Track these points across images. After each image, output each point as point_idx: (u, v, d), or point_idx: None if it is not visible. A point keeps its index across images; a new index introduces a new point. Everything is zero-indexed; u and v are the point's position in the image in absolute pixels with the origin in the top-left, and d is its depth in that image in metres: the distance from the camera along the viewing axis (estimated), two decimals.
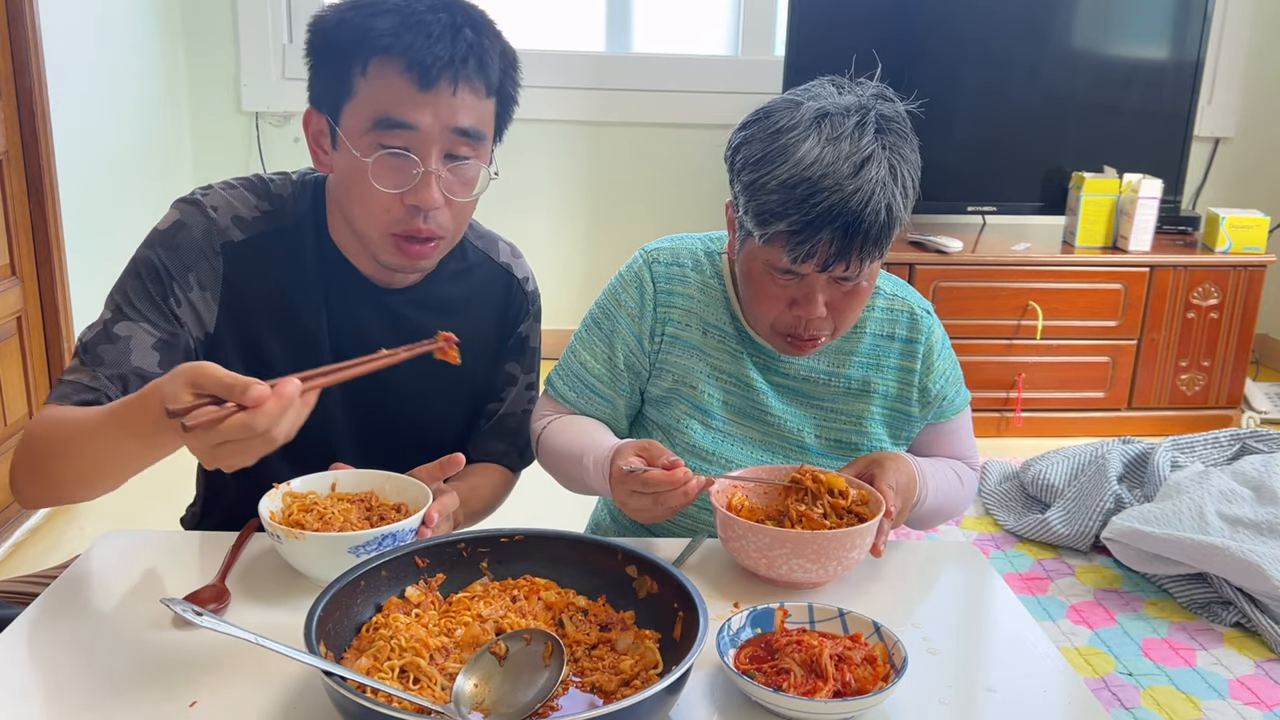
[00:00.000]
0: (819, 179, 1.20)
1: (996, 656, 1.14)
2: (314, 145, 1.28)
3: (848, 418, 1.44)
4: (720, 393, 1.42)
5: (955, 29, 3.68)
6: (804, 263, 1.24)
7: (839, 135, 1.22)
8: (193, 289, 1.27)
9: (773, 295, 1.31)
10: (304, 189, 1.35)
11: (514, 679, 0.97)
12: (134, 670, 1.01)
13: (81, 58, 3.05)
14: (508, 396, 1.49)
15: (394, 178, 1.21)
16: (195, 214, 1.28)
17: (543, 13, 4.11)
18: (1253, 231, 3.61)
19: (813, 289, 1.28)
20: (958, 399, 1.48)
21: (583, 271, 4.22)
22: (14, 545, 2.66)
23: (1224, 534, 2.51)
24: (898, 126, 1.26)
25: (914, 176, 1.27)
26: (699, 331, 1.42)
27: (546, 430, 1.46)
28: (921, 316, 1.45)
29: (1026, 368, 3.60)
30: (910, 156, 1.26)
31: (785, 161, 1.22)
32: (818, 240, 1.22)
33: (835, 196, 1.19)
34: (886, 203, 1.21)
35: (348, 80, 1.20)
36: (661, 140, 4.12)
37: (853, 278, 1.28)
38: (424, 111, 1.19)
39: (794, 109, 1.25)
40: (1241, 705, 2.14)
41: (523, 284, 1.48)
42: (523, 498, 1.56)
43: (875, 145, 1.22)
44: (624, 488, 1.22)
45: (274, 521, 1.14)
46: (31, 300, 2.81)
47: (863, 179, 1.20)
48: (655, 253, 1.46)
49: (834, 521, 1.22)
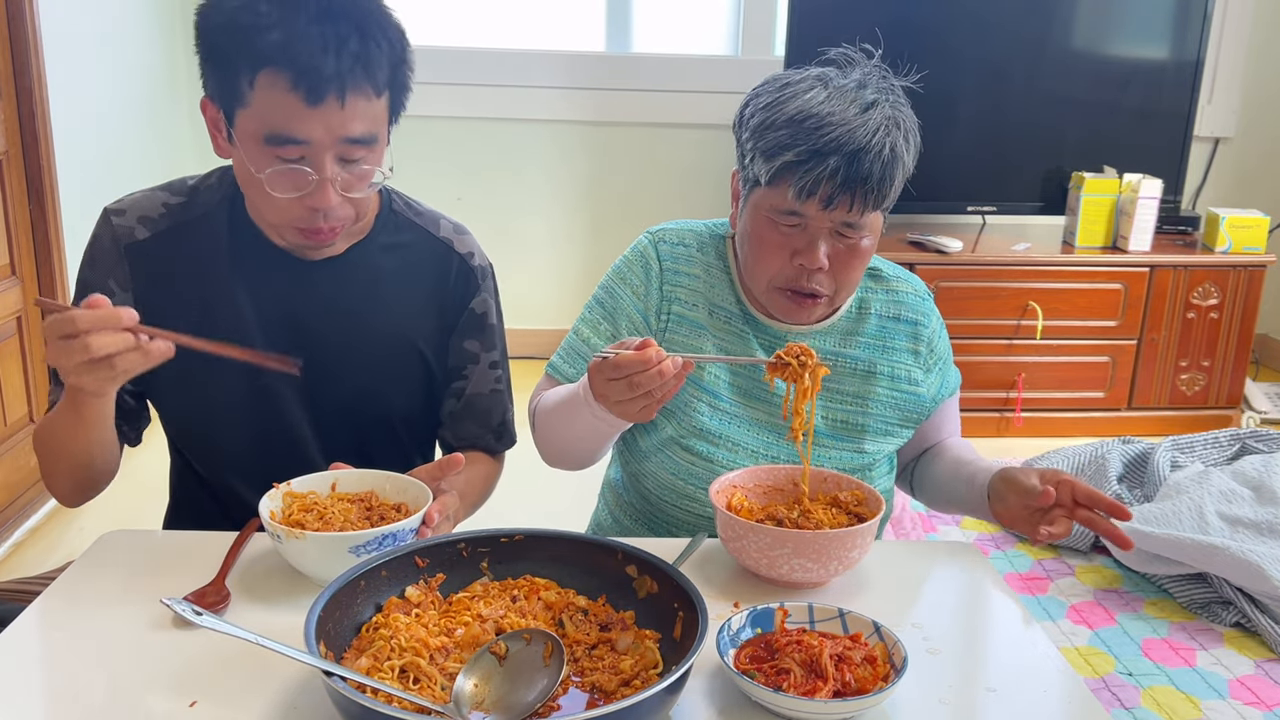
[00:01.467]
0: (826, 115, 1.27)
1: (996, 656, 1.13)
2: (213, 131, 1.29)
3: (853, 399, 1.45)
4: (727, 374, 1.43)
5: (955, 29, 3.68)
6: (808, 199, 1.28)
7: (844, 88, 1.30)
8: (115, 294, 1.35)
9: (775, 245, 1.34)
10: (221, 176, 1.39)
11: (514, 679, 0.97)
12: (134, 670, 1.01)
13: (81, 58, 3.05)
14: (471, 375, 1.48)
15: (290, 183, 1.24)
16: (103, 225, 1.37)
17: (543, 13, 4.11)
18: (1253, 231, 3.61)
19: (815, 236, 1.31)
20: (956, 377, 1.54)
21: (581, 271, 4.22)
22: (14, 545, 2.66)
23: (1224, 534, 2.51)
24: (898, 96, 1.33)
25: (915, 136, 1.33)
26: (705, 312, 1.44)
27: (540, 401, 1.45)
28: (925, 297, 1.51)
29: (1026, 368, 3.60)
30: (911, 117, 1.33)
31: (795, 100, 1.29)
32: (824, 168, 1.26)
33: (842, 129, 1.26)
34: (891, 142, 1.27)
35: (237, 87, 1.21)
36: (661, 140, 4.12)
37: (854, 224, 1.31)
38: (314, 125, 1.20)
39: (799, 72, 1.34)
40: (1241, 705, 2.14)
41: (466, 259, 1.47)
42: (523, 498, 1.56)
43: (879, 95, 1.30)
44: (601, 377, 1.19)
45: (274, 521, 1.14)
46: (31, 300, 2.81)
47: (869, 117, 1.27)
48: (661, 233, 1.50)
49: (834, 521, 1.22)
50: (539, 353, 3.88)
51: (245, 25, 1.18)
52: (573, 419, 1.32)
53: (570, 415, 1.33)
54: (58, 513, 2.83)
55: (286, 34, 1.17)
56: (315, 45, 1.17)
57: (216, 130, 1.28)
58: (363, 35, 1.20)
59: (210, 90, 1.25)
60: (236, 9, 1.19)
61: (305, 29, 1.17)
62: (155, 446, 1.52)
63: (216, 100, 1.25)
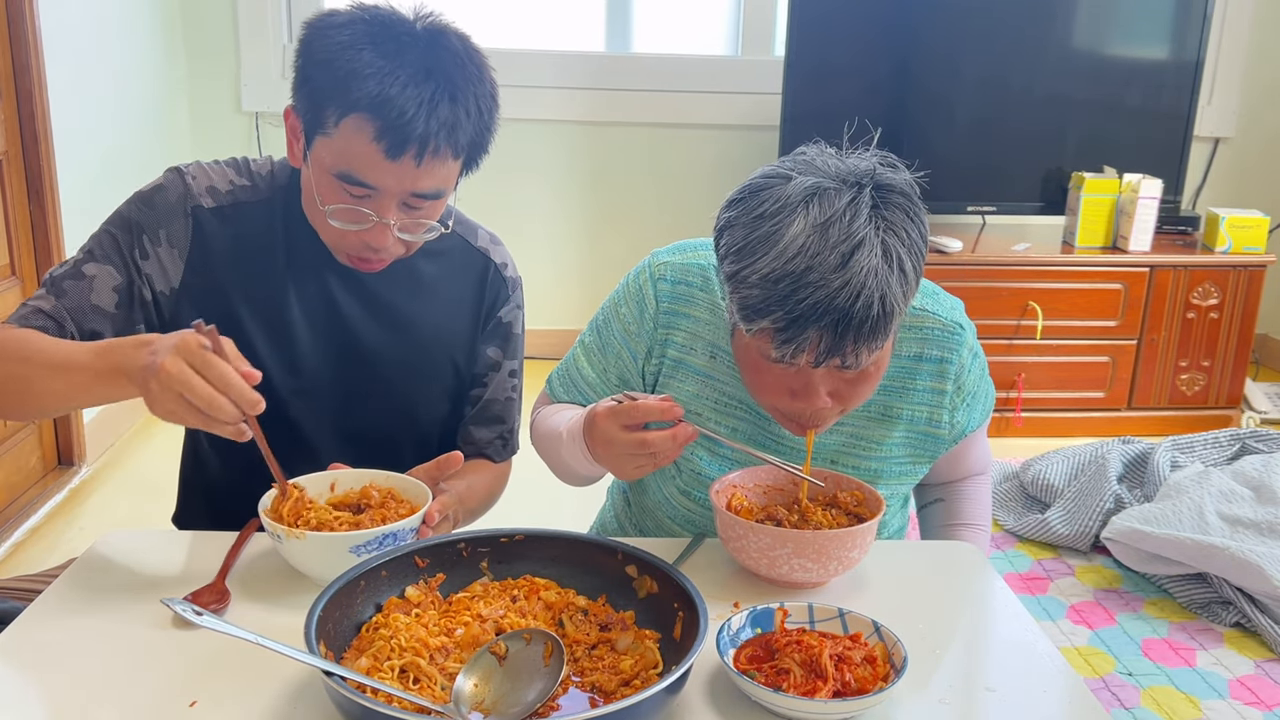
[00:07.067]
0: (803, 273, 1.09)
1: (996, 656, 1.13)
2: (291, 138, 1.32)
3: (868, 443, 1.36)
4: (730, 420, 1.36)
5: (955, 29, 3.68)
6: (794, 359, 1.14)
7: (828, 219, 1.10)
8: (162, 245, 1.34)
9: (770, 385, 1.21)
10: (282, 169, 1.41)
11: (514, 679, 0.97)
12: (134, 670, 1.02)
13: (81, 58, 3.05)
14: (490, 382, 1.50)
15: (351, 218, 1.27)
16: (175, 179, 1.37)
17: (543, 13, 4.11)
18: (1253, 231, 3.61)
19: (811, 380, 1.18)
20: (986, 407, 1.42)
21: (582, 272, 4.22)
22: (14, 545, 2.66)
23: (1224, 534, 2.51)
24: (899, 199, 1.14)
25: (915, 255, 1.14)
26: (706, 355, 1.36)
27: (535, 424, 1.46)
28: (954, 331, 1.35)
29: (1026, 368, 3.60)
30: (911, 234, 1.13)
31: (768, 253, 1.11)
32: (804, 339, 1.11)
33: (821, 292, 1.08)
34: (880, 293, 1.09)
35: (323, 118, 1.23)
36: (661, 140, 4.12)
37: (854, 367, 1.17)
38: (387, 176, 1.23)
39: (782, 185, 1.14)
40: (1241, 705, 2.14)
41: (501, 269, 1.49)
42: (524, 498, 1.56)
43: (869, 228, 1.10)
44: (614, 422, 1.18)
45: (274, 521, 1.14)
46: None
47: (851, 270, 1.08)
48: (663, 268, 1.38)
49: (834, 522, 1.22)
50: (538, 353, 3.88)
51: (346, 68, 1.20)
52: (565, 454, 1.34)
53: (562, 449, 1.34)
54: (58, 513, 2.83)
55: (383, 88, 1.19)
56: (409, 105, 1.19)
57: (294, 139, 1.31)
58: (454, 100, 1.23)
59: (298, 107, 1.28)
60: (341, 48, 1.21)
61: (402, 88, 1.19)
62: (155, 447, 1.52)
63: (301, 115, 1.27)
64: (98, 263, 1.32)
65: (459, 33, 1.28)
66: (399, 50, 1.21)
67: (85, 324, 1.30)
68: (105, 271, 1.31)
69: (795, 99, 3.60)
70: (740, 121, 4.05)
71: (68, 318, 1.29)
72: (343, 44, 1.21)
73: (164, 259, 1.34)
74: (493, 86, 1.29)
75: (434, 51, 1.23)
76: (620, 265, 3.86)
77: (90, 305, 1.30)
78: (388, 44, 1.21)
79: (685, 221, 3.99)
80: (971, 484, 1.54)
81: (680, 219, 4.05)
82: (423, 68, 1.21)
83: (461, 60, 1.25)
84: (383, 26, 1.23)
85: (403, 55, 1.21)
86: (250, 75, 3.86)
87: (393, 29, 1.23)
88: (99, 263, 1.32)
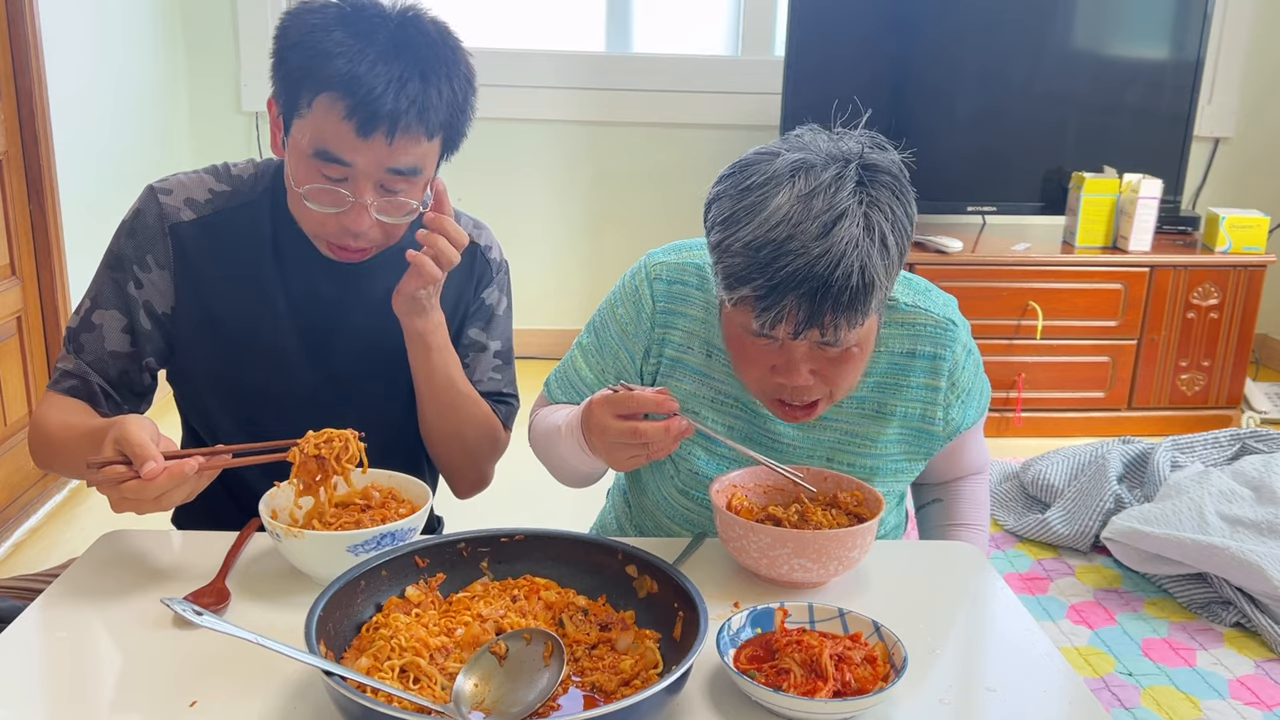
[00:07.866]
0: (784, 240, 1.10)
1: (996, 656, 1.13)
2: (274, 129, 1.34)
3: (863, 440, 1.36)
4: (726, 418, 1.36)
5: (955, 30, 3.68)
6: (773, 328, 1.15)
7: (813, 190, 1.11)
8: (151, 270, 1.38)
9: (753, 359, 1.22)
10: (265, 169, 1.43)
11: (514, 679, 0.98)
12: (134, 670, 1.02)
13: (81, 58, 3.05)
14: (474, 365, 1.49)
15: (329, 199, 1.28)
16: (150, 201, 1.39)
17: (543, 13, 4.11)
18: (1253, 231, 3.61)
19: (793, 355, 1.19)
20: (981, 405, 1.42)
21: (581, 272, 4.22)
22: (14, 545, 2.66)
23: (1224, 534, 2.51)
24: (885, 179, 1.15)
25: (900, 232, 1.15)
26: (702, 354, 1.36)
27: (534, 424, 1.46)
28: (947, 327, 1.35)
29: (1026, 368, 3.60)
30: (896, 210, 1.14)
31: (751, 221, 1.13)
32: (783, 306, 1.12)
33: (800, 260, 1.09)
34: (860, 264, 1.10)
35: (297, 100, 1.25)
36: (661, 140, 4.12)
37: (834, 343, 1.18)
38: (360, 154, 1.24)
39: (770, 160, 1.16)
40: (1241, 705, 2.14)
41: (485, 251, 1.50)
42: (524, 497, 1.56)
43: (852, 201, 1.11)
44: (608, 411, 1.18)
45: (274, 521, 1.14)
46: (31, 300, 2.81)
47: (832, 239, 1.09)
48: (659, 268, 1.39)
49: (834, 522, 1.22)
50: (538, 353, 3.88)
51: (316, 48, 1.22)
52: (562, 448, 1.34)
53: (559, 444, 1.34)
54: (58, 513, 2.83)
55: (352, 65, 1.21)
56: (377, 82, 1.21)
57: (277, 129, 1.32)
58: (425, 79, 1.24)
59: (275, 94, 1.30)
60: (313, 29, 1.23)
61: (371, 65, 1.21)
62: None
63: (279, 102, 1.29)
64: (102, 309, 1.38)
65: (434, 19, 1.29)
66: (370, 30, 1.23)
67: (107, 372, 1.38)
68: (111, 316, 1.37)
69: (795, 99, 3.60)
70: (740, 121, 4.05)
71: (90, 371, 1.37)
72: (314, 26, 1.23)
73: (156, 282, 1.38)
74: (469, 70, 1.30)
75: (405, 32, 1.25)
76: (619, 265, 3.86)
77: (108, 354, 1.38)
78: (359, 24, 1.23)
79: (685, 221, 3.99)
80: (969, 484, 1.54)
81: (680, 219, 4.05)
82: (391, 46, 1.23)
83: (434, 42, 1.26)
84: (355, 9, 1.25)
85: (373, 35, 1.23)
86: (250, 75, 3.86)
87: (365, 11, 1.25)
88: (103, 308, 1.38)
